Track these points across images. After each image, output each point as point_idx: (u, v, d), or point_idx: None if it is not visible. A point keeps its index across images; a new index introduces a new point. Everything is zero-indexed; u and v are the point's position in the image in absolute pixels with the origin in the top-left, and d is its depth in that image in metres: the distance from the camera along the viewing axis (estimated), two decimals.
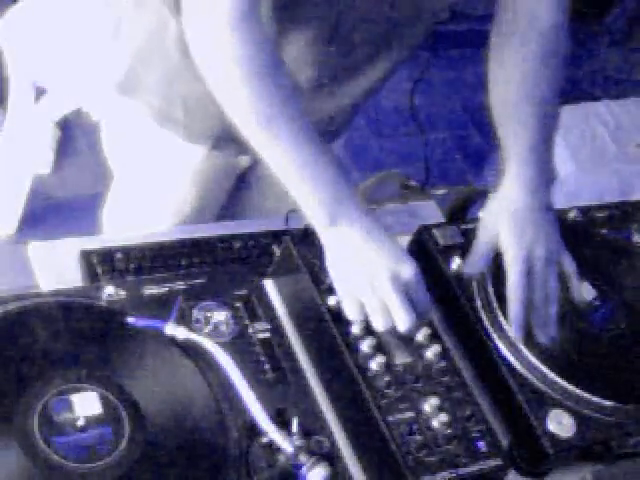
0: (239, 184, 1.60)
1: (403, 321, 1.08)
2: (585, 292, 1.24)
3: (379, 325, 1.09)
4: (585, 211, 1.39)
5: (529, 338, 1.16)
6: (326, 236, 1.12)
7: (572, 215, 1.38)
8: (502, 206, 1.23)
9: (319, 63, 1.32)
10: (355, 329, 1.10)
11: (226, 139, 1.38)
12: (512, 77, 1.29)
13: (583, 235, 1.35)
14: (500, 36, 1.32)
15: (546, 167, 1.25)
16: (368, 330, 1.10)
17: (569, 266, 1.22)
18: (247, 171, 1.57)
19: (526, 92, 1.28)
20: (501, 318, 1.18)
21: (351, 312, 1.10)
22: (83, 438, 0.94)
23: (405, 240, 1.28)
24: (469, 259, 1.21)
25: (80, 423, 0.94)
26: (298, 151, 1.11)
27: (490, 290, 1.20)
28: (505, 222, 1.21)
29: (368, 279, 1.08)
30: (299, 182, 1.11)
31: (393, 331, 1.09)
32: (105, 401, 0.97)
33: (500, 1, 1.33)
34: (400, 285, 1.08)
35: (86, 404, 0.96)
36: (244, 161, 1.53)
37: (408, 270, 1.09)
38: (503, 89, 1.30)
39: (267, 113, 1.11)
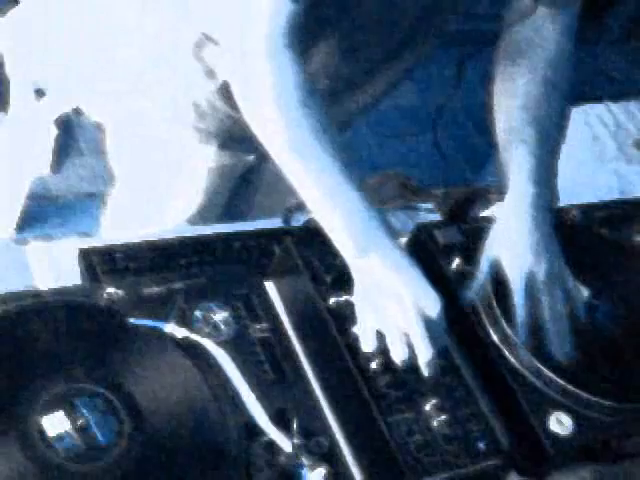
0: (242, 183, 1.60)
1: (424, 354, 1.07)
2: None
3: (398, 356, 1.08)
4: (585, 211, 1.39)
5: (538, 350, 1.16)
6: (355, 266, 1.11)
7: (572, 215, 1.37)
8: (503, 232, 1.23)
9: (333, 74, 1.31)
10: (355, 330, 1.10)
11: (234, 139, 1.38)
12: (517, 102, 1.28)
13: (583, 235, 1.35)
14: (506, 60, 1.32)
15: (548, 193, 1.25)
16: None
17: (571, 285, 1.22)
18: (251, 170, 1.57)
19: (530, 118, 1.27)
20: (501, 318, 1.18)
21: (368, 340, 1.09)
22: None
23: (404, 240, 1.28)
24: (472, 285, 1.20)
25: (80, 423, 0.94)
26: (330, 182, 1.10)
27: (491, 291, 1.20)
28: (505, 248, 1.20)
29: (393, 310, 1.08)
30: (330, 212, 1.11)
31: (408, 362, 1.08)
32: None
33: (507, 25, 1.33)
34: (424, 318, 1.07)
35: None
36: (250, 160, 1.53)
37: (434, 305, 1.08)
38: (507, 114, 1.29)
39: (301, 143, 1.11)
